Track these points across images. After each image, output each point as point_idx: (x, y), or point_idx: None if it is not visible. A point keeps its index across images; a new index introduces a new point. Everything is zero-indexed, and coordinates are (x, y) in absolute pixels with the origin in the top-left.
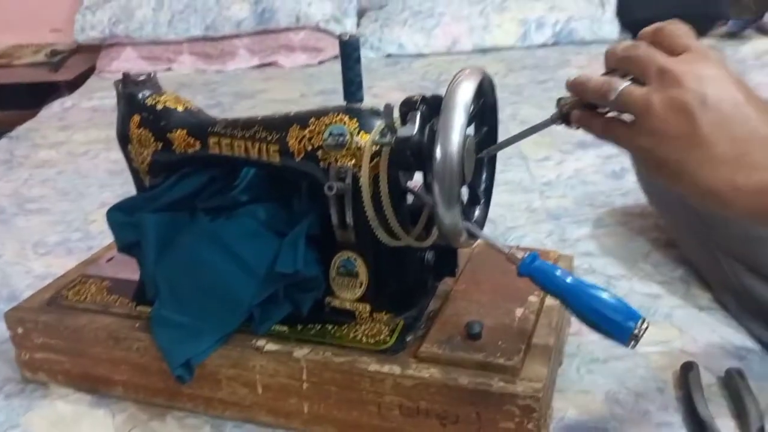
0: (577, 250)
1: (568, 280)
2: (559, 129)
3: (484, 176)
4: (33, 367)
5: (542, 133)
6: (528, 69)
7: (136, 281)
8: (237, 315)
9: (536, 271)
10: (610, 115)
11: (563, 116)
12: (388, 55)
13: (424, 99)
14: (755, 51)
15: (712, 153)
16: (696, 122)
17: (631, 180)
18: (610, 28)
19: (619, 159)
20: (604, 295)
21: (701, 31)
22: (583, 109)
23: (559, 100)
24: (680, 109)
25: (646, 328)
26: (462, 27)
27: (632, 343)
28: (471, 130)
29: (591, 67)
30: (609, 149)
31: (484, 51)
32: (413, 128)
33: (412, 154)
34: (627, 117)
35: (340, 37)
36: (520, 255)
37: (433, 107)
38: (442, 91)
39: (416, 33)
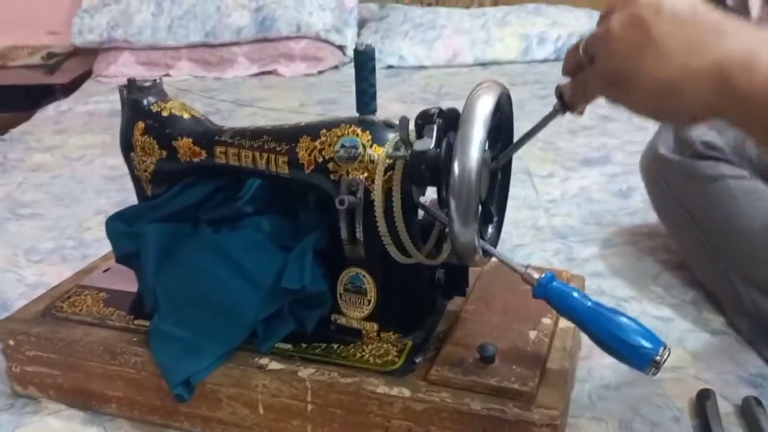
0: (585, 271)
1: (587, 303)
2: (564, 145)
3: (497, 193)
4: (24, 380)
5: (546, 149)
6: (529, 84)
7: (134, 293)
8: (240, 331)
9: (553, 293)
10: None
11: (561, 101)
12: (389, 67)
13: (441, 112)
14: None
15: (664, 49)
16: (650, 30)
17: (638, 199)
18: None
19: (625, 177)
20: (624, 320)
21: None
22: None
23: (557, 87)
24: (635, 22)
25: (668, 355)
26: (463, 40)
27: (653, 370)
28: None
29: None
30: (614, 167)
31: (484, 65)
32: (430, 142)
33: (428, 169)
34: None
35: (355, 47)
36: (536, 275)
37: (450, 121)
38: (444, 104)
39: (417, 45)
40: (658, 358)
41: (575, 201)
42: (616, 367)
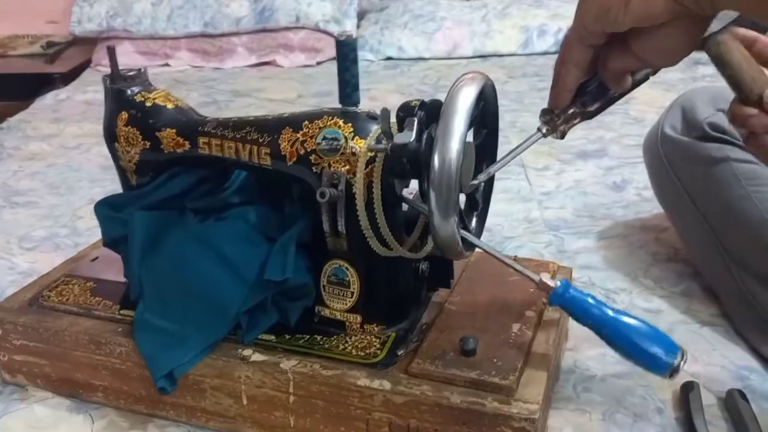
0: (576, 263)
1: (606, 311)
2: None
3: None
4: (12, 369)
5: (541, 141)
6: (528, 76)
7: (121, 283)
8: (224, 322)
9: (570, 302)
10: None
11: (548, 120)
12: (388, 58)
13: (422, 104)
14: None
15: None
16: None
17: (631, 192)
18: None
19: (620, 171)
20: (642, 327)
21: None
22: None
23: (543, 110)
24: None
25: (685, 359)
26: (463, 32)
27: (670, 374)
28: (470, 135)
29: None
30: (610, 161)
31: (484, 57)
32: (410, 134)
33: (409, 162)
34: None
35: (336, 37)
36: (551, 284)
37: (432, 113)
38: (441, 96)
39: (416, 36)
40: (676, 364)
41: (569, 194)
42: (601, 358)
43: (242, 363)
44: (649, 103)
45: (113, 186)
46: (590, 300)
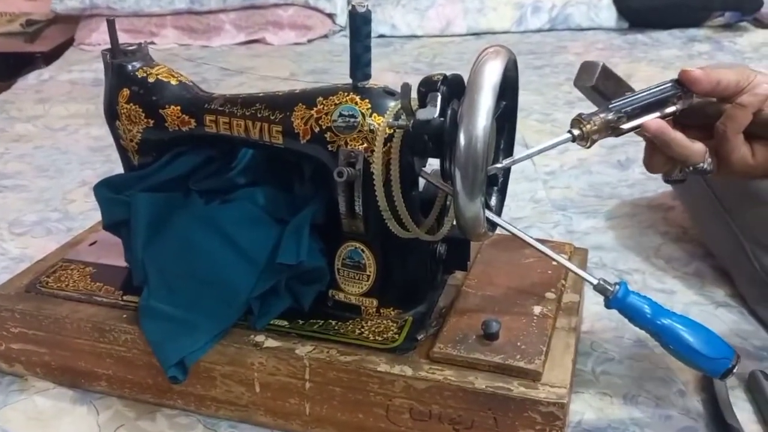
0: (586, 243)
1: (664, 316)
2: (560, 116)
3: (501, 157)
4: (9, 358)
5: (543, 120)
6: (523, 54)
7: (123, 268)
8: (234, 308)
9: (629, 307)
10: None
11: (580, 129)
12: (380, 36)
13: (445, 78)
14: (752, 43)
15: None
16: None
17: (637, 171)
18: (606, 14)
19: (624, 149)
20: (698, 331)
21: (697, 22)
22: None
23: (574, 119)
24: None
25: (739, 361)
26: (456, 9)
27: (724, 377)
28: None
29: (588, 54)
30: (613, 139)
31: (478, 34)
32: (434, 110)
33: (431, 139)
34: None
35: (352, 8)
36: (610, 288)
37: (455, 89)
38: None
39: (409, 13)
40: (730, 366)
41: (573, 173)
42: (618, 341)
43: (255, 349)
44: (648, 81)
45: (104, 168)
46: (648, 306)
